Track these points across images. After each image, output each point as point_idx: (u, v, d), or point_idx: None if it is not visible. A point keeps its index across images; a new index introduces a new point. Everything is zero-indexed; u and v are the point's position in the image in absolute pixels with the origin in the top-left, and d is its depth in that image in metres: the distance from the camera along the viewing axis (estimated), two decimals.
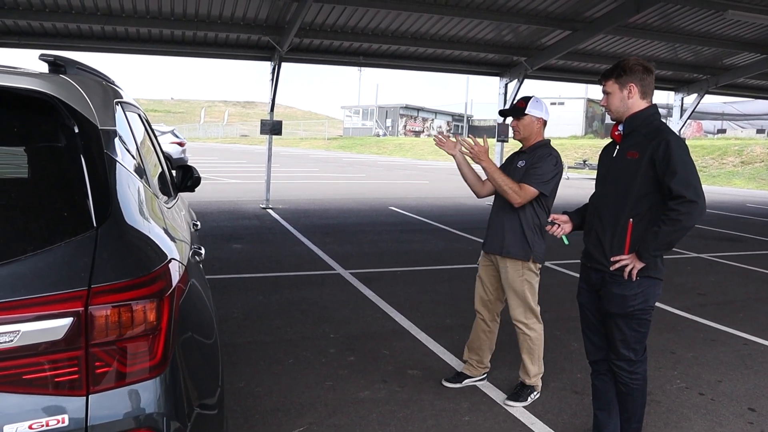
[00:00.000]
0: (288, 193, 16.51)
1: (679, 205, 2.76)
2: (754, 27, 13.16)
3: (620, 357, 3.10)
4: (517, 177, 3.83)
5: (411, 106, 61.17)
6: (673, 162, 2.79)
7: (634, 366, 3.10)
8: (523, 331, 3.98)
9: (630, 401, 3.14)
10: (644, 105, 3.03)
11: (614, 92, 3.05)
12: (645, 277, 2.97)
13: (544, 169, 3.78)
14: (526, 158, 3.89)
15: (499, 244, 3.93)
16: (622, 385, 3.13)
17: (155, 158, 3.12)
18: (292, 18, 11.61)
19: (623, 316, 3.03)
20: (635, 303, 2.99)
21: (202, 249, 2.80)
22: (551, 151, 3.85)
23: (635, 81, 2.99)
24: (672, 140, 2.84)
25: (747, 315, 6.10)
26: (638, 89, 3.00)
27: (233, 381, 4.06)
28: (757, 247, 10.52)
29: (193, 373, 1.90)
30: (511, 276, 3.92)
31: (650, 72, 3.02)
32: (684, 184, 2.76)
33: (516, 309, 3.95)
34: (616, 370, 3.14)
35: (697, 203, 2.75)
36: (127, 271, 1.59)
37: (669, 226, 2.79)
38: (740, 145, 30.87)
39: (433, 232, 10.93)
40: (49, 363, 1.50)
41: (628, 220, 2.96)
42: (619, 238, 3.00)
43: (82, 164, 1.69)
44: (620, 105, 3.04)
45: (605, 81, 3.09)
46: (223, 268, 7.36)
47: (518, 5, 11.87)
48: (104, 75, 2.60)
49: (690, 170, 2.80)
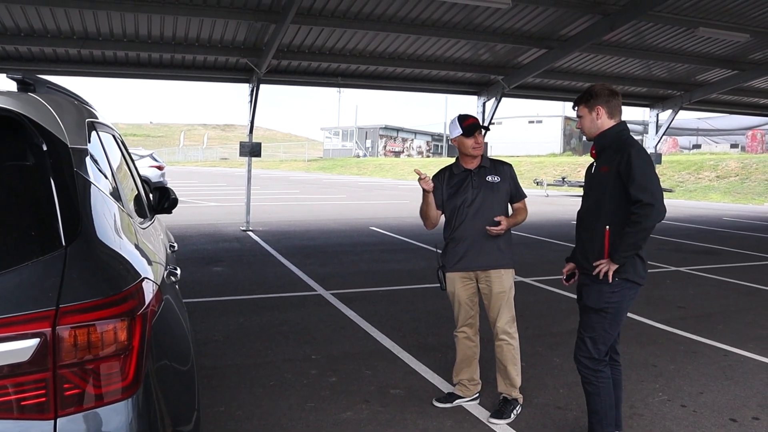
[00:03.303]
0: (268, 215, 16.43)
1: (639, 208, 3.05)
2: (724, 44, 13.46)
3: (586, 354, 3.31)
4: (494, 190, 4.01)
5: (391, 127, 61.45)
6: (633, 170, 3.09)
7: (597, 365, 3.31)
8: (507, 342, 3.97)
9: (598, 401, 3.32)
10: (612, 123, 3.34)
11: (585, 115, 3.38)
12: (623, 279, 3.20)
13: (517, 177, 4.19)
14: (493, 173, 4.06)
15: (495, 257, 3.98)
16: (588, 385, 3.34)
17: (130, 179, 3.08)
18: (270, 40, 11.64)
19: (597, 311, 3.26)
20: (611, 300, 3.22)
21: (177, 270, 2.76)
22: (502, 160, 4.21)
23: (602, 104, 3.32)
24: (633, 152, 3.14)
25: (726, 326, 6.14)
26: (605, 110, 3.32)
27: (213, 405, 3.99)
28: (734, 259, 10.64)
29: (168, 395, 1.86)
30: (506, 285, 3.98)
31: (615, 95, 3.35)
32: (641, 189, 3.05)
33: (504, 318, 3.97)
34: (581, 370, 3.36)
35: (654, 206, 3.03)
36: (97, 290, 1.55)
37: (631, 228, 3.07)
38: (715, 160, 31.35)
39: (414, 251, 10.93)
40: (14, 386, 1.46)
41: (605, 228, 3.23)
42: (599, 245, 3.25)
43: (51, 183, 1.66)
44: (591, 126, 3.37)
45: (577, 106, 3.43)
46: (204, 291, 7.27)
47: (494, 24, 12.02)
48: (76, 95, 2.58)
49: (648, 176, 3.08)
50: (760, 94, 18.37)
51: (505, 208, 4.05)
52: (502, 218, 3.91)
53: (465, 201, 3.98)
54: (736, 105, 20.12)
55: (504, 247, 4.01)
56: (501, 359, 4.00)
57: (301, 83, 15.24)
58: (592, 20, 11.73)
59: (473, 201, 3.97)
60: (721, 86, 16.50)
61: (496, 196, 3.99)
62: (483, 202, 3.96)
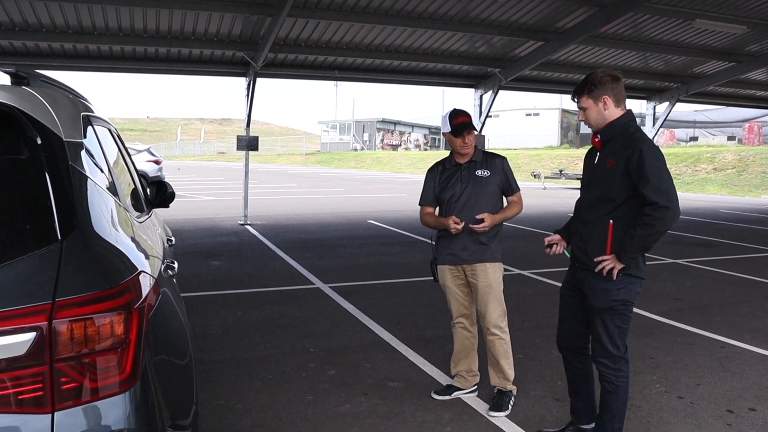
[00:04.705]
0: (266, 208, 16.42)
1: (654, 210, 2.90)
2: (721, 35, 13.43)
3: (605, 353, 3.19)
4: (483, 184, 3.99)
5: (388, 120, 61.31)
6: (646, 170, 2.92)
7: (618, 363, 3.18)
8: (499, 337, 3.98)
9: (615, 400, 3.21)
10: (620, 113, 3.15)
11: (590, 107, 3.16)
12: (626, 275, 3.11)
13: (512, 171, 4.15)
14: (483, 167, 4.04)
15: (480, 252, 3.97)
16: (608, 383, 3.20)
17: (127, 173, 3.07)
18: (266, 33, 11.60)
19: (606, 310, 3.14)
20: (618, 297, 3.12)
21: (175, 263, 2.75)
22: (495, 153, 4.19)
23: (607, 92, 3.11)
24: (645, 148, 2.97)
25: (723, 318, 6.15)
26: (612, 99, 3.12)
27: (212, 398, 3.99)
28: (731, 251, 10.66)
29: (166, 389, 1.86)
30: (493, 278, 3.97)
31: (618, 80, 3.14)
32: (657, 191, 2.90)
33: (494, 313, 3.97)
34: (602, 370, 3.22)
35: (670, 209, 2.90)
36: (93, 284, 1.55)
37: (644, 230, 2.94)
38: (712, 152, 31.37)
39: (412, 244, 10.93)
40: (12, 380, 1.45)
41: (609, 222, 3.10)
42: (601, 240, 3.12)
43: (46, 176, 1.65)
44: (598, 117, 3.16)
45: (579, 97, 3.20)
46: (202, 285, 7.27)
47: (491, 17, 11.99)
48: (71, 89, 2.57)
49: (663, 177, 2.93)
50: (757, 86, 18.35)
51: (496, 202, 4.03)
52: (485, 215, 3.88)
53: (453, 196, 4.01)
54: (733, 97, 20.10)
55: (489, 241, 3.99)
56: (493, 353, 4.01)
57: (297, 77, 15.20)
58: (589, 12, 11.70)
59: (461, 196, 3.99)
60: (718, 78, 16.48)
61: (485, 190, 3.98)
62: (470, 196, 3.97)
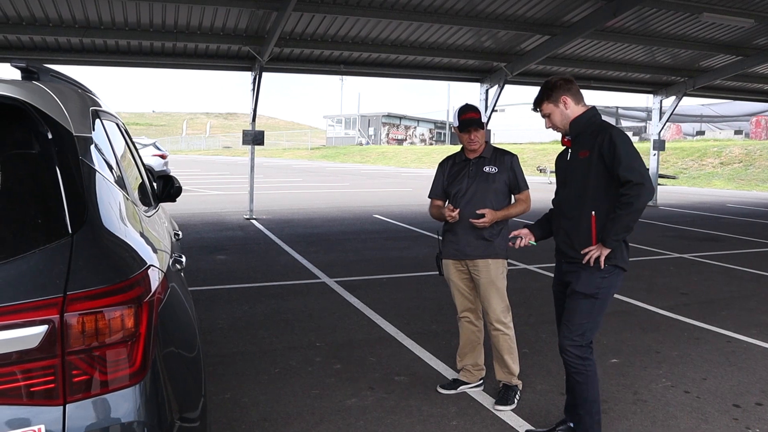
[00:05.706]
0: (272, 203, 16.44)
1: (629, 189, 3.03)
2: (729, 29, 13.36)
3: (573, 341, 3.23)
4: (490, 181, 3.99)
5: (393, 114, 61.25)
6: (617, 151, 3.07)
7: (585, 352, 3.24)
8: (503, 332, 3.99)
9: (586, 390, 3.25)
10: (582, 109, 3.31)
11: (552, 111, 3.34)
12: (612, 265, 3.19)
13: (521, 169, 4.13)
14: (491, 163, 4.04)
15: (482, 248, 3.98)
16: (577, 374, 3.25)
17: (134, 167, 3.08)
18: (272, 27, 11.60)
19: (588, 296, 3.20)
20: (601, 285, 3.19)
21: (183, 257, 2.77)
22: (506, 150, 4.14)
23: (564, 93, 3.29)
24: (614, 133, 3.13)
25: (729, 313, 6.14)
26: (571, 98, 3.30)
27: (219, 392, 4.02)
28: (737, 246, 10.63)
29: (175, 381, 1.87)
30: (495, 274, 3.97)
31: (572, 81, 3.34)
32: (629, 169, 3.03)
33: (497, 308, 3.97)
34: (570, 360, 3.25)
35: (644, 184, 3.01)
36: (103, 278, 1.56)
37: (623, 210, 3.05)
38: (719, 147, 31.22)
39: (418, 238, 10.93)
40: (24, 372, 1.47)
41: (591, 214, 3.20)
42: (586, 232, 3.22)
43: (57, 171, 1.66)
44: (563, 118, 3.33)
45: (540, 106, 3.39)
46: (208, 280, 7.30)
47: (497, 11, 11.96)
48: (80, 83, 2.58)
49: (633, 156, 3.07)
50: (765, 80, 18.26)
51: (502, 199, 4.03)
52: (486, 211, 3.89)
53: (460, 190, 4.02)
54: (740, 91, 20.02)
55: (493, 237, 3.99)
56: (498, 349, 4.02)
57: (303, 71, 15.20)
58: (596, 6, 11.66)
59: (467, 191, 4.00)
60: (725, 72, 16.40)
61: (491, 186, 3.99)
62: (476, 192, 3.98)
